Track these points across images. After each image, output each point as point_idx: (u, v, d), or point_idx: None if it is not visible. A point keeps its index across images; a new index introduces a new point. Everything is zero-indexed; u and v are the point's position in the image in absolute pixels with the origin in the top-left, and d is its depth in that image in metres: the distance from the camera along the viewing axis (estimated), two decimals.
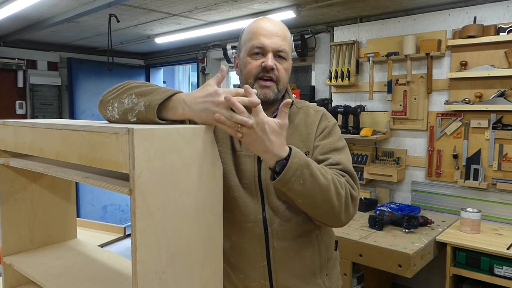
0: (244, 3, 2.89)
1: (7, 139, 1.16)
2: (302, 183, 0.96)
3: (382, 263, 2.30)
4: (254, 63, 1.13)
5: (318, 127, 1.20)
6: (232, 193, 1.14)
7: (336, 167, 1.10)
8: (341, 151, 1.16)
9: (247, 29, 1.18)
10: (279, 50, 1.13)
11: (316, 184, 0.98)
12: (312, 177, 0.97)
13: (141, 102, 0.91)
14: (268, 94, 1.13)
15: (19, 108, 4.52)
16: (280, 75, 1.14)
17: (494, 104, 2.62)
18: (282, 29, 1.16)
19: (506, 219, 2.70)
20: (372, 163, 3.21)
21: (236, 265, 1.19)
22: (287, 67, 1.16)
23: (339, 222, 1.08)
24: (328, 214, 1.05)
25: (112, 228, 2.35)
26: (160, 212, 0.80)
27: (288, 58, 1.16)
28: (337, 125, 1.24)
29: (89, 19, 3.39)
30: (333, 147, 1.15)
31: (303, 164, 0.96)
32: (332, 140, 1.17)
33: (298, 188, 0.97)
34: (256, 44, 1.12)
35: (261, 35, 1.12)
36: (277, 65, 1.13)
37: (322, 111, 1.24)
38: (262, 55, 1.13)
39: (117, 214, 5.28)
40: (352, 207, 1.07)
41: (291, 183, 0.95)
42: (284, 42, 1.14)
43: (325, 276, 1.22)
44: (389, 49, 3.09)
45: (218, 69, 4.69)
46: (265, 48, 1.12)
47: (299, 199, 1.01)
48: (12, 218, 1.25)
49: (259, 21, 1.17)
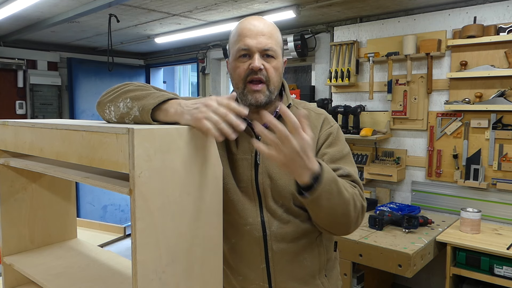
0: (244, 3, 2.89)
1: (7, 139, 1.16)
2: (329, 199, 0.96)
3: (382, 263, 2.30)
4: (241, 67, 1.09)
5: (321, 132, 1.18)
6: (230, 196, 1.14)
7: (348, 178, 1.11)
8: (347, 158, 1.17)
9: (233, 32, 1.14)
10: (265, 49, 1.08)
11: (341, 199, 0.99)
12: (338, 192, 0.98)
13: (135, 107, 0.91)
14: (259, 98, 1.10)
15: (19, 108, 4.52)
16: (269, 75, 1.09)
17: (494, 104, 2.61)
18: (268, 26, 1.11)
19: (506, 219, 2.70)
20: (372, 163, 3.21)
21: (235, 267, 1.19)
22: (277, 66, 1.11)
23: (347, 231, 1.10)
24: (341, 225, 1.06)
25: (112, 228, 2.35)
26: (160, 212, 0.80)
27: (277, 56, 1.11)
28: (340, 129, 1.23)
29: (89, 19, 3.39)
30: (340, 155, 1.16)
31: (332, 179, 0.97)
32: (339, 148, 1.16)
33: (325, 203, 0.97)
34: (241, 46, 1.09)
35: (245, 36, 1.08)
36: (265, 64, 1.09)
37: (324, 115, 1.22)
38: (249, 57, 1.09)
39: (117, 214, 5.28)
40: (361, 217, 1.10)
41: (320, 199, 0.95)
42: (270, 40, 1.09)
43: (324, 277, 1.21)
44: (389, 49, 3.09)
45: (218, 69, 4.72)
46: (250, 49, 1.08)
47: (322, 213, 1.01)
48: (12, 218, 1.25)
49: (243, 22, 1.13)
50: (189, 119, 0.86)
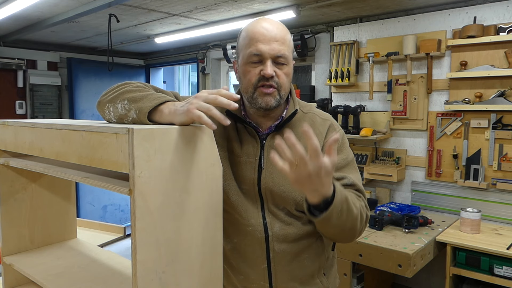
0: (244, 3, 2.89)
1: (7, 139, 1.16)
2: (339, 217, 0.97)
3: (382, 263, 2.30)
4: (253, 72, 1.07)
5: (326, 139, 1.17)
6: (232, 197, 1.14)
7: (352, 188, 1.12)
8: (351, 165, 1.17)
9: (244, 33, 1.11)
10: (278, 56, 1.06)
11: (349, 216, 1.00)
12: (348, 210, 0.99)
13: (132, 109, 0.91)
14: (270, 102, 1.07)
15: (19, 108, 4.52)
16: (281, 82, 1.08)
17: (494, 104, 2.61)
18: (282, 31, 1.09)
19: (506, 219, 2.70)
20: (372, 163, 3.21)
21: (237, 266, 1.19)
22: (288, 72, 1.09)
23: (351, 241, 1.12)
24: (347, 237, 1.09)
25: (112, 228, 2.35)
26: (160, 212, 0.80)
27: (288, 63, 1.09)
28: (345, 136, 1.23)
29: (89, 19, 3.39)
30: (345, 163, 1.16)
31: (343, 200, 0.97)
32: (344, 156, 1.16)
33: (335, 221, 0.97)
34: (254, 51, 1.06)
35: (258, 41, 1.06)
36: (277, 71, 1.07)
37: (330, 121, 1.21)
38: (261, 62, 1.06)
39: (117, 214, 5.28)
40: (365, 227, 1.12)
41: (330, 219, 0.96)
42: (283, 47, 1.07)
43: (323, 276, 1.22)
44: (389, 49, 3.09)
45: (218, 69, 4.72)
46: (263, 55, 1.05)
47: (331, 229, 1.02)
48: (12, 218, 1.25)
49: (256, 24, 1.09)
50: (182, 114, 0.85)
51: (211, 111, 0.84)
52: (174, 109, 0.88)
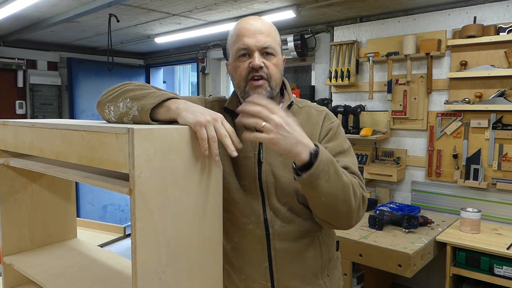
0: (244, 3, 2.89)
1: (7, 139, 1.16)
2: (327, 180, 0.96)
3: (382, 263, 2.30)
4: (242, 66, 1.11)
5: (322, 128, 1.19)
6: (233, 194, 1.14)
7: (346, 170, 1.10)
8: (347, 153, 1.17)
9: (231, 33, 1.15)
10: (264, 47, 1.10)
11: (339, 181, 0.98)
12: (336, 174, 0.98)
13: (134, 107, 0.91)
14: (261, 94, 1.11)
15: (19, 108, 4.52)
16: (270, 72, 1.11)
17: (494, 104, 2.61)
18: (266, 25, 1.13)
19: (506, 219, 2.70)
20: (372, 163, 3.21)
21: (238, 266, 1.19)
22: (277, 63, 1.13)
23: (350, 224, 1.08)
24: (344, 215, 1.05)
25: (112, 228, 2.35)
26: (160, 212, 0.80)
27: (276, 54, 1.12)
28: (341, 125, 1.24)
29: (89, 19, 3.39)
30: (340, 149, 1.15)
31: (330, 160, 0.96)
32: (338, 143, 1.17)
33: (324, 185, 0.96)
34: (240, 46, 1.10)
35: (244, 36, 1.10)
36: (265, 62, 1.10)
37: (325, 111, 1.23)
38: (249, 56, 1.10)
39: (117, 214, 5.28)
40: (362, 209, 1.08)
41: (319, 179, 0.94)
42: (268, 38, 1.10)
43: (326, 277, 1.21)
44: (389, 49, 3.09)
45: (218, 69, 4.72)
46: (249, 48, 1.09)
47: (322, 197, 0.99)
48: (12, 218, 1.25)
49: (241, 22, 1.14)
50: (191, 117, 0.86)
51: (213, 142, 0.86)
52: (184, 107, 0.88)
